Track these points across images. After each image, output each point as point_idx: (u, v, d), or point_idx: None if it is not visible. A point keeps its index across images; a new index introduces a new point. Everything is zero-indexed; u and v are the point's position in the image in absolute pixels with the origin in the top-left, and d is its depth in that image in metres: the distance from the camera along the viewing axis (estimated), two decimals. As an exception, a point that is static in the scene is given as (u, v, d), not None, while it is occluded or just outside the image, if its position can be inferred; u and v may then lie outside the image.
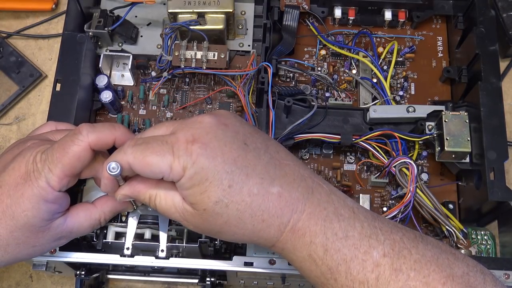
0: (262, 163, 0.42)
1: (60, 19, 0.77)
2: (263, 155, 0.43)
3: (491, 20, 0.63)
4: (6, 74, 0.73)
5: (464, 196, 0.62)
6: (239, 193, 0.41)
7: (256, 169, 0.42)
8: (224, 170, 0.41)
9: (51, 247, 0.49)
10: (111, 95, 0.63)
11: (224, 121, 0.43)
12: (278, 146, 0.46)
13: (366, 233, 0.41)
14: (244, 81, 0.64)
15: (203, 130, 0.42)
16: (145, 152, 0.42)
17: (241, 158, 0.42)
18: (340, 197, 0.44)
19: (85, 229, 0.50)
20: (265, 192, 0.42)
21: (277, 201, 0.42)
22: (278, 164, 0.43)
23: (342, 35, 0.70)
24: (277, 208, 0.42)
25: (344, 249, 0.41)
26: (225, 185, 0.41)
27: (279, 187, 0.42)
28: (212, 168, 0.41)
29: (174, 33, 0.63)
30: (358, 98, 0.66)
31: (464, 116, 0.59)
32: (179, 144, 0.41)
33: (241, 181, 0.41)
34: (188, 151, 0.41)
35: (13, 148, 0.50)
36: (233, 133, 0.43)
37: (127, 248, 0.54)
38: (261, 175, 0.42)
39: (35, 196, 0.45)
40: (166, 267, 0.56)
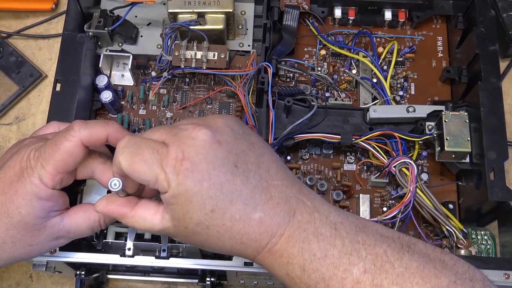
0: (249, 187, 0.42)
1: (60, 19, 0.77)
2: (252, 177, 0.42)
3: (491, 20, 0.63)
4: (6, 74, 0.73)
5: (464, 196, 0.62)
6: (221, 217, 0.41)
7: (242, 195, 0.41)
8: (208, 195, 0.41)
9: (50, 247, 0.49)
10: (111, 95, 0.63)
11: (219, 138, 0.42)
12: (271, 162, 0.44)
13: (346, 251, 0.41)
14: (244, 81, 0.64)
15: (195, 149, 0.41)
16: (134, 158, 0.41)
17: (228, 183, 0.41)
18: (323, 213, 0.43)
19: (83, 231, 0.49)
20: (247, 218, 0.41)
21: (257, 226, 0.42)
22: (266, 186, 0.43)
23: (342, 35, 0.70)
24: (256, 233, 0.42)
25: (323, 268, 0.41)
26: (207, 210, 0.41)
27: (261, 212, 0.42)
28: (197, 192, 0.40)
29: (174, 33, 0.63)
30: (358, 98, 0.66)
31: (464, 116, 0.59)
32: (168, 160, 0.41)
33: (224, 207, 0.41)
34: (175, 170, 0.40)
35: (13, 147, 0.50)
36: (225, 153, 0.42)
37: (129, 248, 0.54)
38: (246, 200, 0.42)
39: (28, 193, 0.45)
40: (166, 267, 0.56)
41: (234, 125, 0.44)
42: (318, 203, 0.44)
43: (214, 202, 0.41)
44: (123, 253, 0.54)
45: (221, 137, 0.43)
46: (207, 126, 0.43)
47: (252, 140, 0.45)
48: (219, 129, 0.43)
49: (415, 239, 0.43)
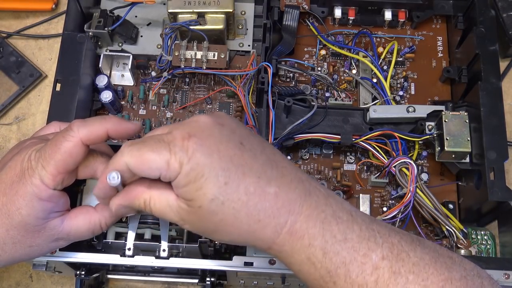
0: (259, 162, 0.42)
1: (60, 19, 0.77)
2: (259, 155, 0.43)
3: (491, 20, 0.63)
4: (6, 74, 0.73)
5: (464, 196, 0.62)
6: (236, 191, 0.41)
7: (253, 168, 0.41)
8: (220, 167, 0.40)
9: (50, 248, 0.49)
10: (111, 95, 0.63)
11: (221, 121, 0.43)
12: (275, 149, 0.45)
13: (364, 236, 0.41)
14: (244, 81, 0.64)
15: (199, 128, 0.42)
16: (142, 149, 0.41)
17: (237, 157, 0.41)
18: (337, 200, 0.43)
19: (83, 233, 0.49)
20: (262, 191, 0.41)
21: (274, 201, 0.41)
22: (275, 165, 0.43)
23: (342, 35, 0.70)
24: (274, 208, 0.41)
25: (343, 251, 0.40)
26: (221, 182, 0.40)
27: (276, 187, 0.41)
28: (208, 164, 0.40)
29: (174, 33, 0.63)
30: (358, 98, 0.66)
31: (464, 116, 0.59)
32: (176, 141, 0.41)
33: (237, 179, 0.41)
34: (184, 147, 0.40)
35: (14, 148, 0.50)
36: (229, 132, 0.43)
37: (129, 248, 0.54)
38: (258, 174, 0.41)
39: (28, 193, 0.45)
40: (166, 267, 0.56)
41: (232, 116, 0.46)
42: (330, 191, 0.44)
43: (227, 173, 0.40)
44: (123, 253, 0.54)
45: (223, 120, 0.43)
46: (208, 115, 0.44)
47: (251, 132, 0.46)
48: (219, 116, 0.44)
49: (423, 238, 0.44)
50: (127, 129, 0.47)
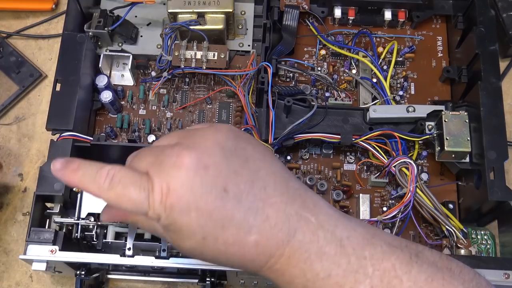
0: (242, 210, 0.40)
1: (60, 19, 0.77)
2: (244, 199, 0.41)
3: (491, 20, 0.63)
4: (6, 74, 0.73)
5: (464, 196, 0.62)
6: (214, 244, 0.40)
7: (234, 219, 0.40)
8: (197, 224, 0.40)
9: None
10: (111, 95, 0.63)
11: (206, 162, 0.40)
12: (268, 177, 0.42)
13: (352, 269, 0.40)
14: (244, 81, 0.64)
15: (179, 180, 0.40)
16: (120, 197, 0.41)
17: (218, 210, 0.40)
18: (328, 229, 0.41)
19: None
20: (241, 241, 0.40)
21: (254, 248, 0.40)
22: (261, 206, 0.41)
23: (342, 35, 0.70)
24: (253, 255, 0.41)
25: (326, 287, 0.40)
26: (198, 238, 0.40)
27: (257, 234, 0.40)
28: (186, 223, 0.40)
29: (174, 33, 0.63)
30: (358, 98, 0.66)
31: (464, 116, 0.59)
32: (155, 195, 0.40)
33: (215, 234, 0.40)
34: (162, 204, 0.40)
35: None
36: (212, 178, 0.40)
37: (129, 248, 0.54)
38: (239, 224, 0.40)
39: None
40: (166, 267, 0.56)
41: (226, 141, 0.42)
42: (323, 218, 0.42)
43: (204, 230, 0.40)
44: (123, 253, 0.54)
45: (208, 160, 0.41)
46: (193, 148, 0.41)
47: (246, 155, 0.42)
48: (206, 150, 0.41)
49: (421, 246, 0.42)
50: None
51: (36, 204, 0.55)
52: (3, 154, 0.71)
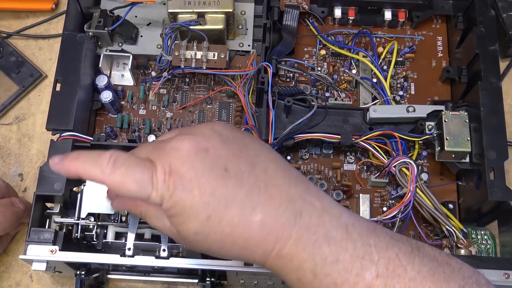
0: (244, 189, 0.40)
1: (60, 19, 0.77)
2: (246, 179, 0.41)
3: (491, 20, 0.63)
4: (6, 74, 0.73)
5: (464, 196, 0.62)
6: (218, 224, 0.40)
7: (237, 198, 0.40)
8: (201, 202, 0.40)
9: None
10: (111, 95, 0.63)
11: (204, 145, 0.41)
12: (268, 162, 0.42)
13: (358, 254, 0.40)
14: (244, 81, 0.64)
15: (180, 160, 0.40)
16: (124, 178, 0.40)
17: (220, 188, 0.40)
18: (333, 215, 0.41)
19: None
20: (246, 221, 0.40)
21: (259, 229, 0.40)
22: (264, 186, 0.41)
23: (342, 35, 0.70)
24: (259, 237, 0.40)
25: (334, 273, 0.39)
26: (202, 218, 0.40)
27: (262, 214, 0.40)
28: (189, 201, 0.40)
29: (174, 33, 0.63)
30: (358, 98, 0.66)
31: (464, 116, 0.59)
32: (158, 175, 0.40)
33: (220, 213, 0.40)
34: (165, 184, 0.40)
35: None
36: (213, 159, 0.41)
37: (129, 248, 0.54)
38: (242, 203, 0.40)
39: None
40: (166, 267, 0.56)
41: (223, 130, 0.43)
42: (327, 203, 0.42)
43: (208, 208, 0.40)
44: (123, 253, 0.54)
45: (207, 143, 0.41)
46: (192, 134, 0.42)
47: (244, 142, 0.43)
48: (204, 135, 0.42)
49: (421, 243, 0.42)
50: None
51: (36, 204, 0.55)
52: (3, 154, 0.71)
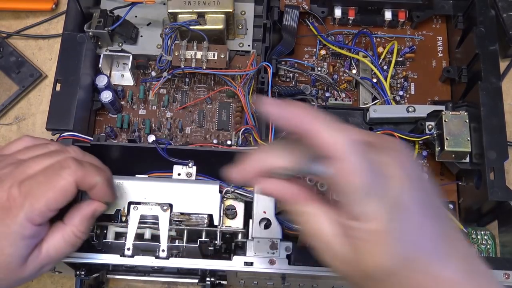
0: (440, 236, 0.35)
1: (60, 19, 0.77)
2: (441, 223, 0.36)
3: (491, 20, 0.63)
4: (6, 74, 0.73)
5: (464, 196, 0.62)
6: (407, 268, 0.34)
7: (437, 246, 0.35)
8: (410, 239, 0.34)
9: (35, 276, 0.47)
10: (111, 95, 0.63)
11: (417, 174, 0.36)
12: (441, 206, 0.37)
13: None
14: (244, 81, 0.64)
15: (409, 182, 0.34)
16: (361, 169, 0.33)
17: (426, 228, 0.35)
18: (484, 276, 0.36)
19: (63, 250, 0.47)
20: (436, 275, 0.34)
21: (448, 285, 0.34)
22: (448, 235, 0.36)
23: (342, 35, 0.70)
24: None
25: None
26: (400, 256, 0.34)
27: (451, 271, 0.34)
28: (403, 232, 0.34)
29: (174, 33, 0.63)
30: (358, 98, 0.66)
31: (464, 116, 0.59)
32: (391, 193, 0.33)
33: (416, 256, 0.34)
34: (393, 202, 0.33)
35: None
36: (423, 192, 0.35)
37: (128, 248, 0.54)
38: (437, 252, 0.35)
39: (12, 233, 0.43)
40: (166, 267, 0.56)
41: None
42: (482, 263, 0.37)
43: (409, 247, 0.34)
44: (123, 253, 0.53)
45: (415, 172, 0.36)
46: (405, 152, 0.36)
47: (425, 177, 0.38)
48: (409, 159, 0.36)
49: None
50: (107, 195, 0.46)
51: (36, 204, 0.55)
52: (3, 154, 0.70)
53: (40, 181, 0.43)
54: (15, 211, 0.43)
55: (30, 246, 0.44)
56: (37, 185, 0.43)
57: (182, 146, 0.61)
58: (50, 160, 0.46)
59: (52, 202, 0.43)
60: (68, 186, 0.44)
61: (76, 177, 0.44)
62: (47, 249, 0.46)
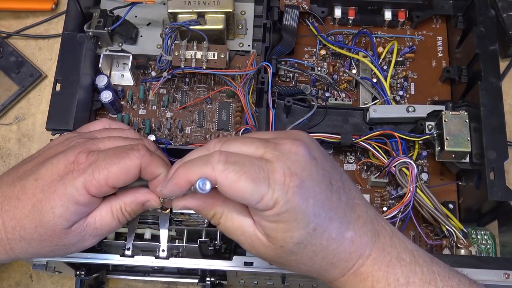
0: (342, 205, 0.42)
1: (60, 19, 0.77)
2: (342, 195, 0.42)
3: (491, 20, 0.63)
4: (6, 74, 0.73)
5: (464, 196, 0.62)
6: (320, 237, 0.40)
7: (338, 213, 0.41)
8: (313, 212, 0.40)
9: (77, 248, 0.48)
10: (111, 95, 0.63)
11: (314, 154, 0.41)
12: (349, 180, 0.44)
13: (425, 279, 0.41)
14: (244, 81, 0.64)
15: (300, 164, 0.40)
16: (239, 175, 0.38)
17: (328, 201, 0.41)
18: (401, 239, 0.43)
19: (109, 223, 0.47)
20: (341, 237, 0.41)
21: (349, 246, 0.41)
22: (352, 204, 0.42)
23: (342, 35, 0.70)
24: (347, 253, 0.41)
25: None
26: (310, 228, 0.40)
27: (353, 231, 0.41)
28: (303, 210, 0.39)
29: (174, 33, 0.63)
30: (358, 98, 0.66)
31: (464, 116, 0.59)
32: (276, 176, 0.39)
33: (324, 225, 0.40)
34: (284, 187, 0.39)
35: (58, 144, 0.48)
36: (322, 170, 0.41)
37: (128, 248, 0.54)
38: (341, 218, 0.41)
39: (66, 195, 0.44)
40: (166, 267, 0.56)
41: (316, 142, 0.44)
42: (394, 229, 0.44)
43: (317, 220, 0.40)
44: (123, 253, 0.54)
45: (315, 153, 0.42)
46: (300, 140, 0.42)
47: (329, 157, 0.44)
48: (310, 145, 0.42)
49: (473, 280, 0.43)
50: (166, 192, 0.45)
51: (36, 204, 0.55)
52: (3, 154, 0.71)
53: (107, 154, 0.45)
54: (76, 174, 0.44)
55: (79, 213, 0.45)
56: (103, 157, 0.44)
57: (182, 146, 0.61)
58: (123, 142, 0.48)
59: (112, 177, 0.44)
60: (132, 167, 0.44)
61: (142, 161, 0.44)
62: (93, 219, 0.47)
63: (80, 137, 0.49)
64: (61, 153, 0.46)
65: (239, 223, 0.42)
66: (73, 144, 0.47)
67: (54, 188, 0.44)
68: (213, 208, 0.43)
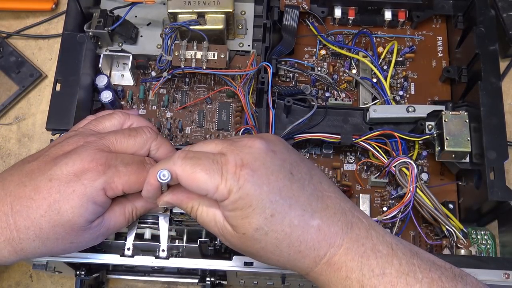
0: (306, 194, 0.43)
1: (60, 19, 0.77)
2: (307, 185, 0.43)
3: (491, 20, 0.63)
4: (6, 74, 0.73)
5: (464, 196, 0.62)
6: (280, 223, 0.42)
7: (299, 201, 0.42)
8: (268, 199, 0.41)
9: (88, 245, 0.49)
10: (111, 95, 0.63)
11: (273, 148, 0.44)
12: (322, 176, 0.46)
13: (403, 271, 0.41)
14: (244, 81, 0.64)
15: (252, 156, 0.43)
16: (194, 167, 0.42)
17: (286, 188, 0.42)
18: (379, 232, 0.44)
19: (121, 224, 0.50)
20: (305, 224, 0.42)
21: (316, 234, 0.42)
22: (321, 196, 0.44)
23: (342, 35, 0.70)
24: (315, 241, 0.42)
25: (380, 286, 0.41)
26: (267, 214, 0.41)
27: (319, 220, 0.42)
28: (257, 196, 0.41)
29: (174, 33, 0.63)
30: (358, 98, 0.66)
31: (464, 116, 0.59)
32: (228, 167, 0.42)
33: (283, 212, 0.42)
34: (236, 176, 0.41)
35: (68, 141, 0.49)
36: (280, 161, 0.43)
37: (128, 248, 0.54)
38: (304, 207, 0.42)
39: (86, 195, 0.45)
40: (166, 267, 0.56)
41: (283, 140, 0.47)
42: (372, 222, 0.45)
43: (274, 206, 0.42)
44: (123, 253, 0.54)
45: (275, 147, 0.44)
46: (260, 137, 0.44)
47: (301, 156, 0.46)
48: (271, 140, 0.45)
49: (465, 272, 0.43)
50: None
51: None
52: (3, 154, 0.71)
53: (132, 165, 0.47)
54: (95, 175, 0.45)
55: (96, 213, 0.47)
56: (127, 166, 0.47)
57: (182, 146, 0.61)
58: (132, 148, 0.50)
59: (129, 184, 0.47)
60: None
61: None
62: (108, 220, 0.48)
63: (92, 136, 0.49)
64: (74, 153, 0.46)
65: (212, 215, 0.45)
66: (86, 141, 0.48)
67: (73, 189, 0.45)
68: (190, 202, 0.46)
